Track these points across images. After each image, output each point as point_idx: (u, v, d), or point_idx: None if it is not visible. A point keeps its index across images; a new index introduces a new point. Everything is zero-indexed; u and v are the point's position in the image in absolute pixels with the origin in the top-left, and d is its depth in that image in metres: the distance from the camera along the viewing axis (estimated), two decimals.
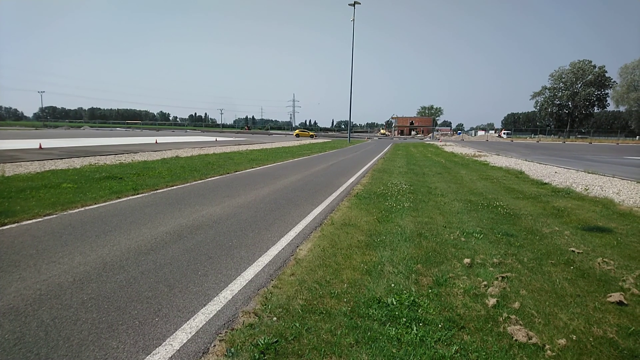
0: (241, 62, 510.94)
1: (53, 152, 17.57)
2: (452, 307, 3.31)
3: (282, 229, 5.75)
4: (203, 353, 2.61)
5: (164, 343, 2.69)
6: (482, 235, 5.48)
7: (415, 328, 2.92)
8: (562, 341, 2.79)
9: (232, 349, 2.61)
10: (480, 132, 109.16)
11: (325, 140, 52.19)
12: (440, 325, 2.98)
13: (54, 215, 6.10)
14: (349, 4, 42.93)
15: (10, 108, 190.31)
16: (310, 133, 71.12)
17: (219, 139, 43.62)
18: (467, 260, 4.39)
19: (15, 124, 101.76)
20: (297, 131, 71.96)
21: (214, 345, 2.69)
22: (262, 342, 2.67)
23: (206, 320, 3.01)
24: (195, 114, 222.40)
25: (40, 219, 5.86)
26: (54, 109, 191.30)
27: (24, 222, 5.66)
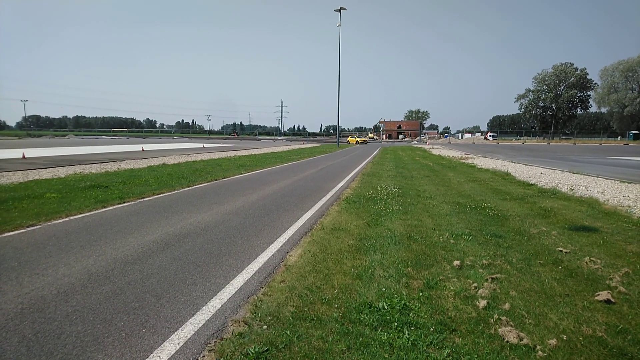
0: (229, 68, 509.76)
1: (37, 162, 17.23)
2: (443, 309, 3.31)
3: (272, 235, 5.70)
4: None
5: (152, 355, 2.63)
6: (471, 237, 5.50)
7: (407, 332, 2.90)
8: (553, 341, 2.80)
9: (222, 359, 2.56)
10: (467, 135, 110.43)
11: (314, 145, 52.20)
12: (431, 329, 2.97)
13: (38, 226, 5.96)
14: (334, 10, 43.25)
15: None
16: (359, 139, 64.01)
17: (206, 145, 43.33)
18: (456, 262, 4.40)
19: None
20: (349, 138, 68.09)
21: (203, 356, 2.63)
22: (253, 351, 2.62)
23: (195, 331, 2.95)
24: (183, 120, 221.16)
25: (23, 230, 5.71)
26: (37, 117, 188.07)
27: (6, 234, 5.51)
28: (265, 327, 2.99)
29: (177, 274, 4.07)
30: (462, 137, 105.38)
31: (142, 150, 29.32)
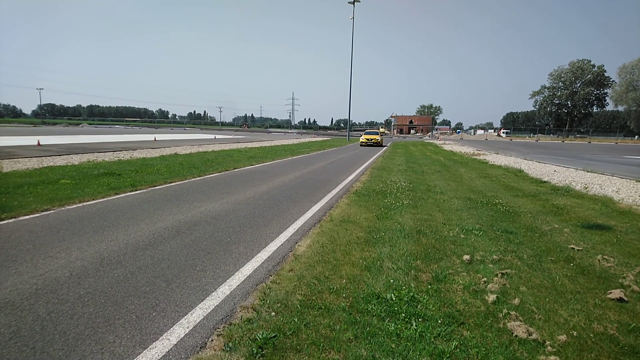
0: (241, 60, 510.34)
1: (51, 149, 17.51)
2: (452, 303, 3.29)
3: (281, 225, 5.72)
4: (200, 347, 2.58)
5: (161, 337, 2.67)
6: (481, 232, 5.46)
7: (414, 323, 2.90)
8: (563, 337, 2.77)
9: (230, 344, 2.59)
10: (480, 131, 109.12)
11: (325, 138, 52.14)
12: (439, 321, 2.96)
13: (52, 211, 6.07)
14: (348, 2, 42.77)
15: (9, 105, 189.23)
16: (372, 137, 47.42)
17: (217, 136, 43.57)
18: (466, 257, 4.37)
19: (14, 121, 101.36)
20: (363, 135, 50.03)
21: (212, 340, 2.67)
22: (260, 337, 2.65)
23: (204, 315, 2.99)
24: (195, 111, 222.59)
25: (37, 215, 5.83)
26: (52, 106, 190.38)
27: (22, 218, 5.62)
28: (273, 314, 3.01)
29: (188, 261, 4.12)
30: (474, 134, 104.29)
31: (155, 140, 29.62)
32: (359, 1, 42.71)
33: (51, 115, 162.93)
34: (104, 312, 2.98)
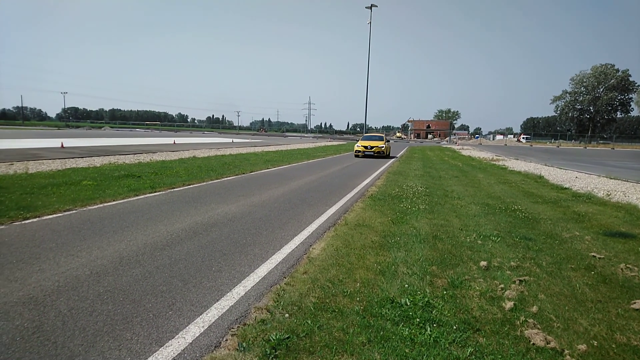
0: (258, 65, 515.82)
1: (74, 151, 18.00)
2: (468, 309, 3.25)
3: (296, 228, 5.75)
4: (215, 347, 2.61)
5: (177, 336, 2.71)
6: (499, 239, 5.37)
7: (429, 329, 2.87)
8: (583, 347, 2.70)
9: (244, 344, 2.61)
10: (499, 137, 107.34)
11: (341, 142, 52.12)
12: (454, 327, 2.92)
13: (74, 211, 6.24)
14: (365, 7, 42.78)
15: (35, 108, 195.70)
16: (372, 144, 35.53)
17: (235, 140, 44.08)
18: (483, 263, 4.30)
19: (39, 124, 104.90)
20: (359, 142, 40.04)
21: (226, 340, 2.70)
22: (274, 337, 2.66)
23: (219, 315, 3.02)
24: (213, 115, 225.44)
25: (60, 214, 6.00)
26: (76, 109, 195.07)
27: (45, 217, 5.80)
28: (287, 315, 3.03)
29: (204, 261, 4.18)
30: (493, 139, 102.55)
31: (174, 143, 30.14)
32: (376, 6, 42.67)
33: (75, 118, 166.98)
34: (122, 310, 3.04)
